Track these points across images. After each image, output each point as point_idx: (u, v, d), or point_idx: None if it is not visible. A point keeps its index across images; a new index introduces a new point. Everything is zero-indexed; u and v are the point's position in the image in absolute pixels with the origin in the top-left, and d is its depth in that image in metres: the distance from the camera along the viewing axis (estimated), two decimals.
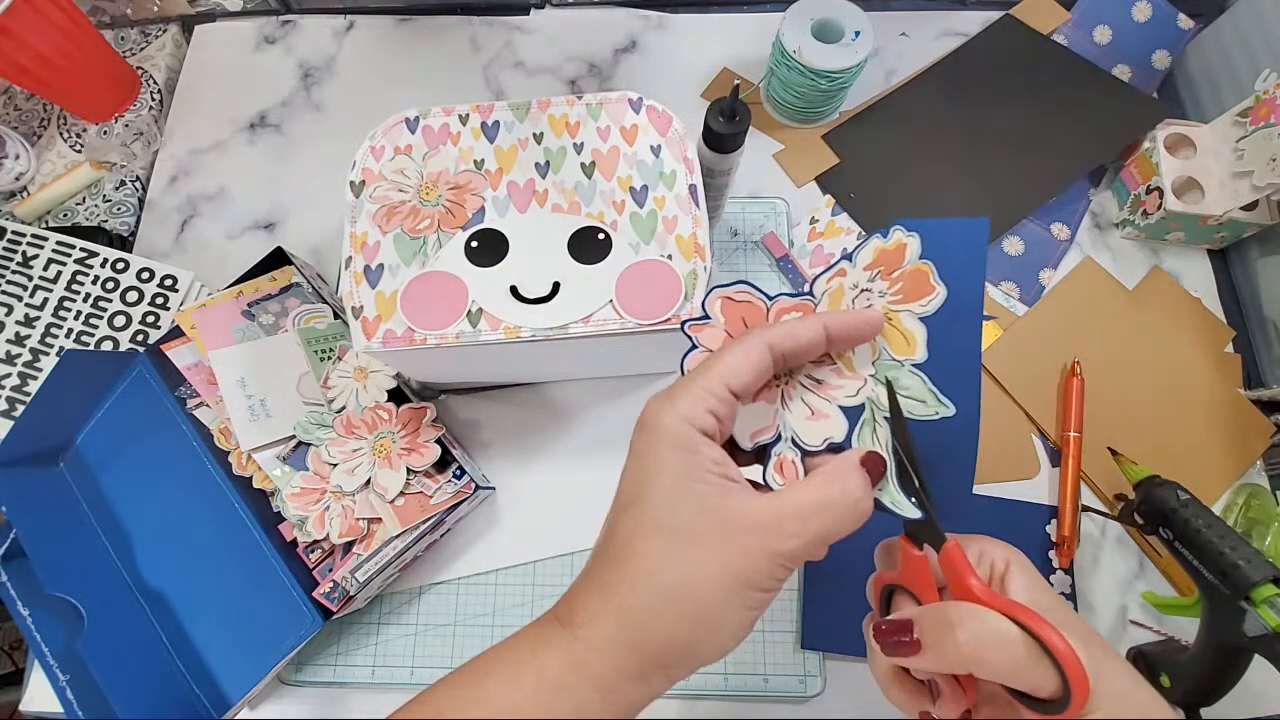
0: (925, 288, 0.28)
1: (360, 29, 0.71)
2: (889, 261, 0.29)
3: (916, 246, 0.28)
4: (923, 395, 0.27)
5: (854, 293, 0.29)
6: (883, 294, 0.29)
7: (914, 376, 0.28)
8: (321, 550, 0.50)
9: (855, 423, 0.28)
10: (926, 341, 0.28)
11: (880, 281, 0.29)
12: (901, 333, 0.28)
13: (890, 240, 0.29)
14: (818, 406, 0.29)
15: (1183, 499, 0.44)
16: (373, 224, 0.44)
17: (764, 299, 0.31)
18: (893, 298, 0.28)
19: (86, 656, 0.46)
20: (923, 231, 0.28)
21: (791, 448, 0.29)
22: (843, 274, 0.30)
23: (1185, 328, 0.58)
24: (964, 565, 0.26)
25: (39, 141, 0.67)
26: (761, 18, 0.70)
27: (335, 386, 0.51)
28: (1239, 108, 0.56)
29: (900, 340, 0.28)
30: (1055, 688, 0.23)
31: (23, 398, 0.55)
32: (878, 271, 0.29)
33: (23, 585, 0.48)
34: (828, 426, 0.29)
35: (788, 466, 0.29)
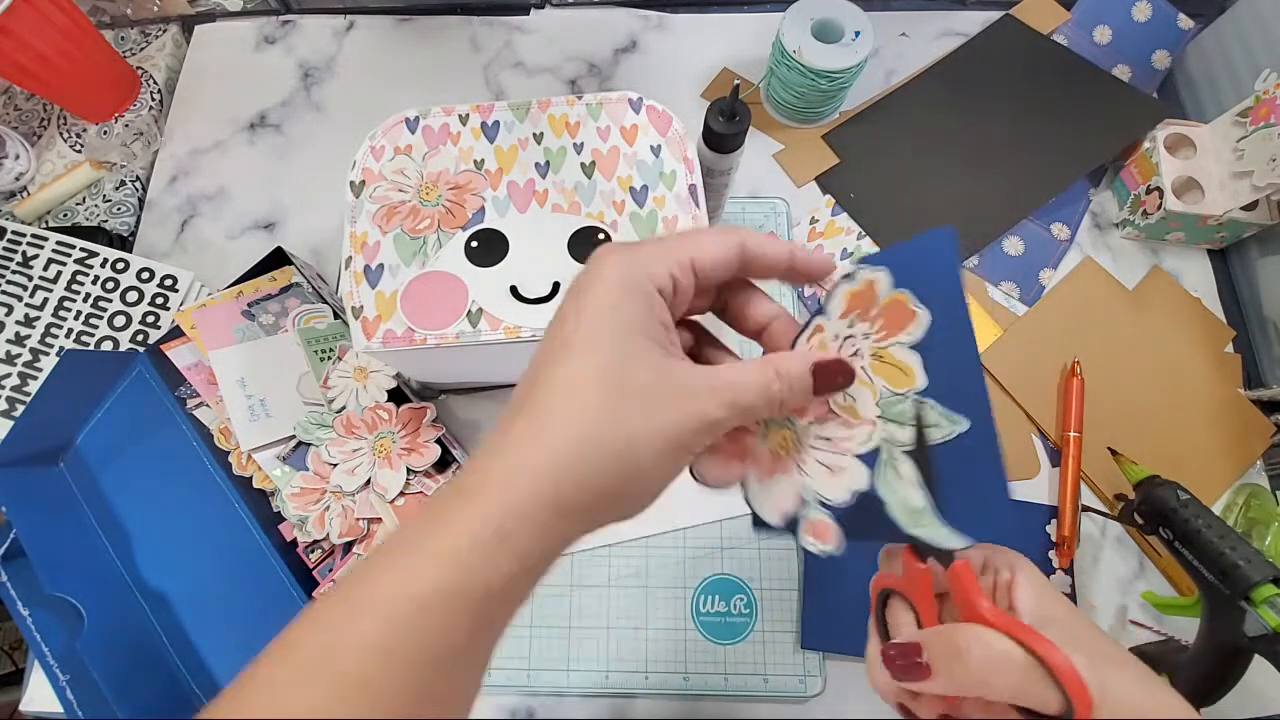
0: (906, 315, 0.27)
1: (360, 29, 0.71)
2: (863, 303, 0.28)
3: (886, 279, 0.27)
4: (935, 420, 0.26)
5: (838, 344, 0.28)
6: (866, 335, 0.27)
7: (920, 405, 0.27)
8: (321, 550, 0.50)
9: (874, 466, 0.27)
10: (924, 367, 0.27)
11: (860, 324, 0.28)
12: (897, 367, 0.27)
13: (858, 282, 0.28)
14: (833, 463, 0.28)
15: (1183, 499, 0.44)
16: (373, 224, 0.44)
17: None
18: (877, 336, 0.27)
19: (86, 656, 0.46)
20: (889, 261, 0.27)
21: (820, 509, 0.28)
22: (820, 330, 0.29)
23: (1185, 328, 0.58)
24: (972, 585, 0.25)
25: (39, 141, 0.67)
26: (761, 18, 0.70)
27: (335, 386, 0.51)
28: (1239, 108, 0.56)
29: (898, 375, 0.27)
30: (1061, 705, 0.24)
31: (23, 398, 0.55)
32: (854, 315, 0.28)
33: (23, 585, 0.48)
34: (849, 478, 0.27)
35: (821, 528, 0.28)
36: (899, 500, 0.26)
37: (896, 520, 0.26)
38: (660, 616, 0.51)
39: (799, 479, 0.28)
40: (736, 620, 0.50)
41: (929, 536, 0.25)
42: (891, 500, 0.26)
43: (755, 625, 0.50)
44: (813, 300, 0.58)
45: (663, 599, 0.51)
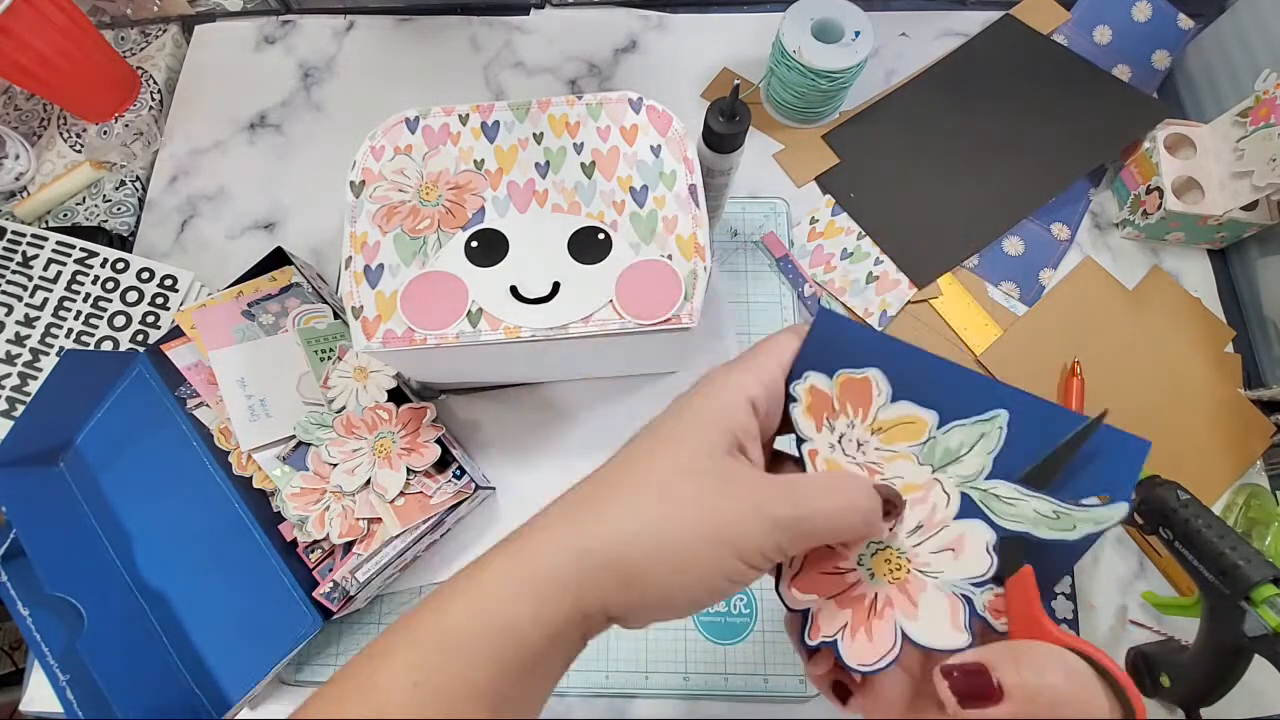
0: (861, 385, 0.27)
1: (360, 29, 0.71)
2: (821, 408, 0.27)
3: (819, 378, 0.27)
4: (975, 435, 0.26)
5: (838, 451, 0.27)
6: (852, 425, 0.27)
7: (952, 432, 0.26)
8: (321, 550, 0.50)
9: (981, 515, 0.25)
10: (919, 405, 0.27)
11: (839, 422, 0.27)
12: (900, 423, 0.27)
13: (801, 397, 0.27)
14: (946, 541, 0.26)
15: (1183, 499, 0.44)
16: (373, 224, 0.44)
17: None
18: (859, 417, 0.27)
19: (86, 656, 0.46)
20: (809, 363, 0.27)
21: (985, 589, 0.25)
22: (815, 454, 0.28)
23: (1185, 328, 0.58)
24: (1034, 597, 0.24)
25: (39, 141, 0.67)
26: (761, 18, 0.70)
27: (335, 386, 0.51)
28: (1239, 108, 0.56)
29: (908, 428, 0.26)
30: (1118, 717, 0.22)
31: (23, 398, 0.55)
32: (825, 420, 0.27)
33: (23, 585, 0.48)
34: (972, 542, 0.25)
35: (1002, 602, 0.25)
36: (1032, 519, 0.25)
37: (1054, 539, 0.24)
38: None
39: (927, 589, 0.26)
40: (736, 620, 0.50)
41: (1091, 527, 0.24)
42: (1029, 526, 0.25)
43: (755, 625, 0.50)
44: (813, 300, 0.58)
45: None
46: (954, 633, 0.25)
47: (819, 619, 0.27)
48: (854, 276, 0.60)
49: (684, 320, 0.42)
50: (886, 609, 0.26)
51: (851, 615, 0.26)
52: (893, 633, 0.25)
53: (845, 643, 0.26)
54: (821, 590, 0.27)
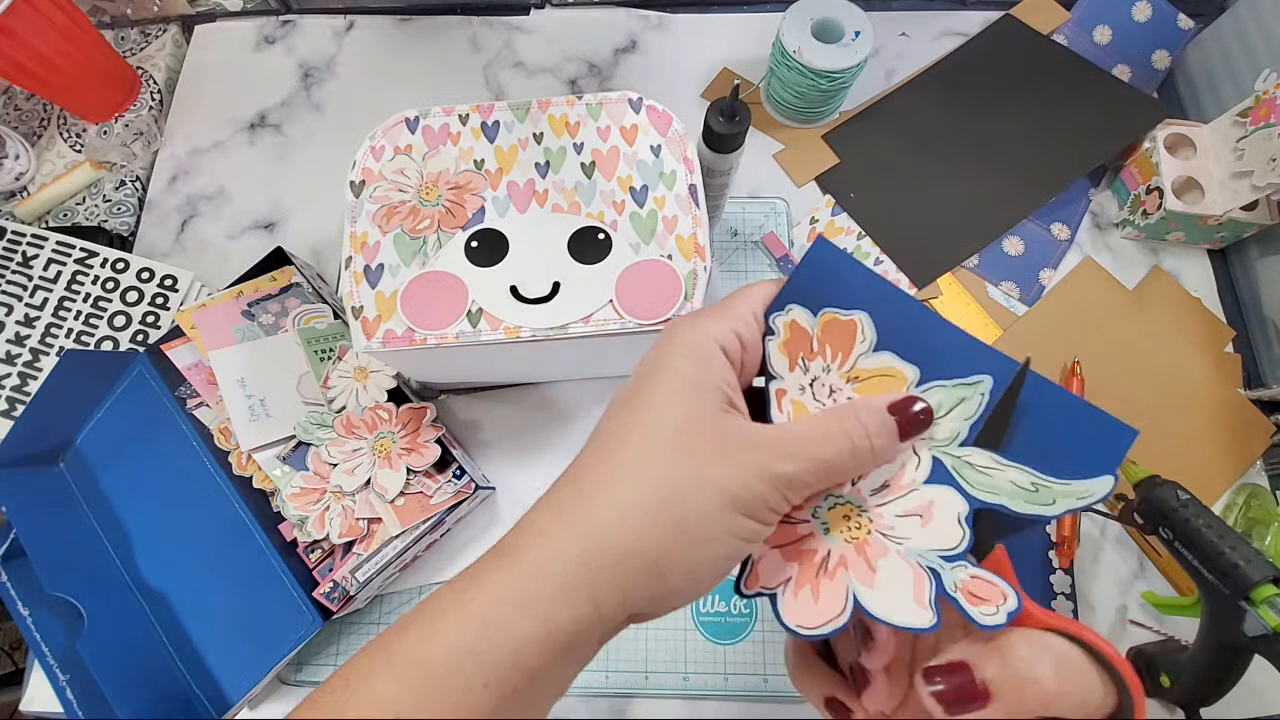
0: (846, 327, 0.25)
1: (360, 29, 0.71)
2: (798, 345, 0.25)
3: (802, 312, 0.26)
4: (957, 397, 0.24)
5: (807, 394, 0.25)
6: (827, 369, 0.25)
7: (931, 391, 0.24)
8: (321, 550, 0.50)
9: (952, 482, 0.24)
10: (902, 359, 0.25)
11: (813, 363, 0.25)
12: (878, 375, 0.25)
13: (780, 330, 0.26)
14: (913, 506, 0.24)
15: (1183, 499, 0.44)
16: (373, 224, 0.44)
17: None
18: (837, 362, 0.25)
19: (86, 656, 0.46)
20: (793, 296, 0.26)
21: (958, 565, 0.23)
22: (783, 393, 0.26)
23: (1185, 328, 0.58)
24: (1012, 578, 0.22)
25: (39, 141, 0.67)
26: (761, 18, 0.70)
27: (335, 386, 0.51)
28: (1239, 108, 0.56)
29: (886, 381, 0.25)
30: (1114, 704, 0.21)
31: (23, 398, 0.55)
32: (801, 359, 0.25)
33: (23, 585, 0.48)
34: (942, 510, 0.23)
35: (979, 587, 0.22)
36: (1007, 490, 0.23)
37: (1031, 514, 0.22)
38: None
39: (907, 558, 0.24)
40: (736, 620, 0.50)
41: (1075, 502, 0.22)
42: (1001, 498, 0.23)
43: (755, 625, 0.50)
44: None
45: None
46: (916, 609, 0.22)
47: (760, 566, 0.24)
48: None
49: None
50: (839, 569, 0.23)
51: (798, 570, 0.24)
52: (843, 596, 0.23)
53: (786, 599, 0.24)
54: (770, 539, 0.24)
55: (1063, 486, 0.22)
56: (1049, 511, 0.22)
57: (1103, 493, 0.22)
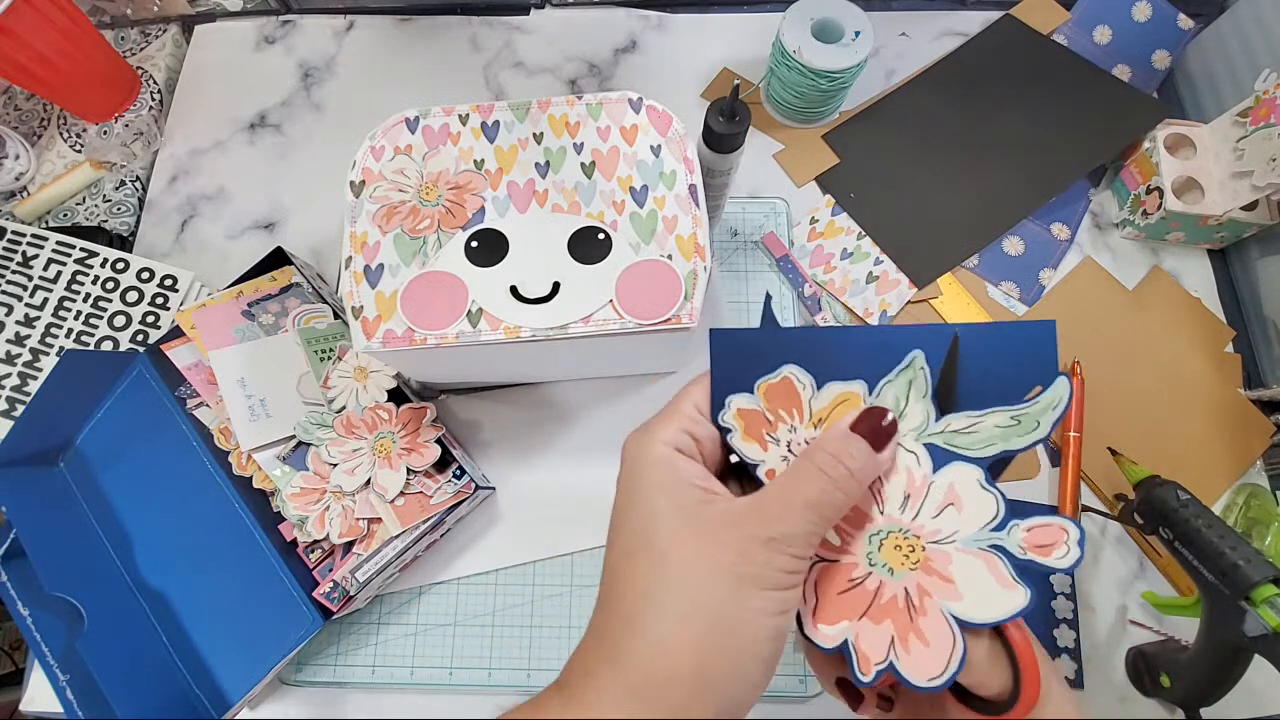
0: (785, 387, 0.26)
1: (360, 29, 0.71)
2: (756, 427, 0.27)
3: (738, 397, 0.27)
4: (905, 381, 0.25)
5: (783, 459, 0.27)
6: (792, 429, 0.26)
7: (885, 389, 0.26)
8: (321, 550, 0.50)
9: (951, 459, 0.25)
10: (845, 381, 0.26)
11: (780, 429, 0.26)
12: (835, 404, 0.26)
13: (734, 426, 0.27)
14: (946, 496, 0.24)
15: (1183, 499, 0.44)
16: (373, 224, 0.44)
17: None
18: (795, 420, 0.26)
19: (86, 656, 0.46)
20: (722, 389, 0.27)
21: (1004, 530, 0.24)
22: (767, 470, 0.27)
23: (1185, 328, 0.58)
24: None
25: (39, 141, 0.67)
26: (761, 18, 0.70)
27: (335, 386, 0.51)
28: (1239, 108, 0.56)
29: (845, 410, 0.26)
30: (1003, 687, 0.23)
31: (23, 398, 0.55)
32: (764, 434, 0.27)
33: (23, 585, 0.48)
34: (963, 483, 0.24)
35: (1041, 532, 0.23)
36: (1000, 436, 0.24)
37: (1028, 444, 0.24)
38: None
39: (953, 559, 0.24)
40: None
41: (1052, 412, 0.23)
42: (999, 445, 0.24)
43: None
44: (813, 301, 0.58)
45: None
46: (1007, 592, 0.22)
47: (860, 646, 0.24)
48: (854, 276, 0.60)
49: (684, 320, 0.41)
50: (925, 600, 0.24)
51: (893, 624, 0.24)
52: (946, 624, 0.23)
53: (903, 660, 0.23)
54: (847, 612, 0.25)
55: (1035, 407, 0.24)
56: (1039, 434, 0.24)
57: (1066, 391, 0.23)
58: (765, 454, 0.26)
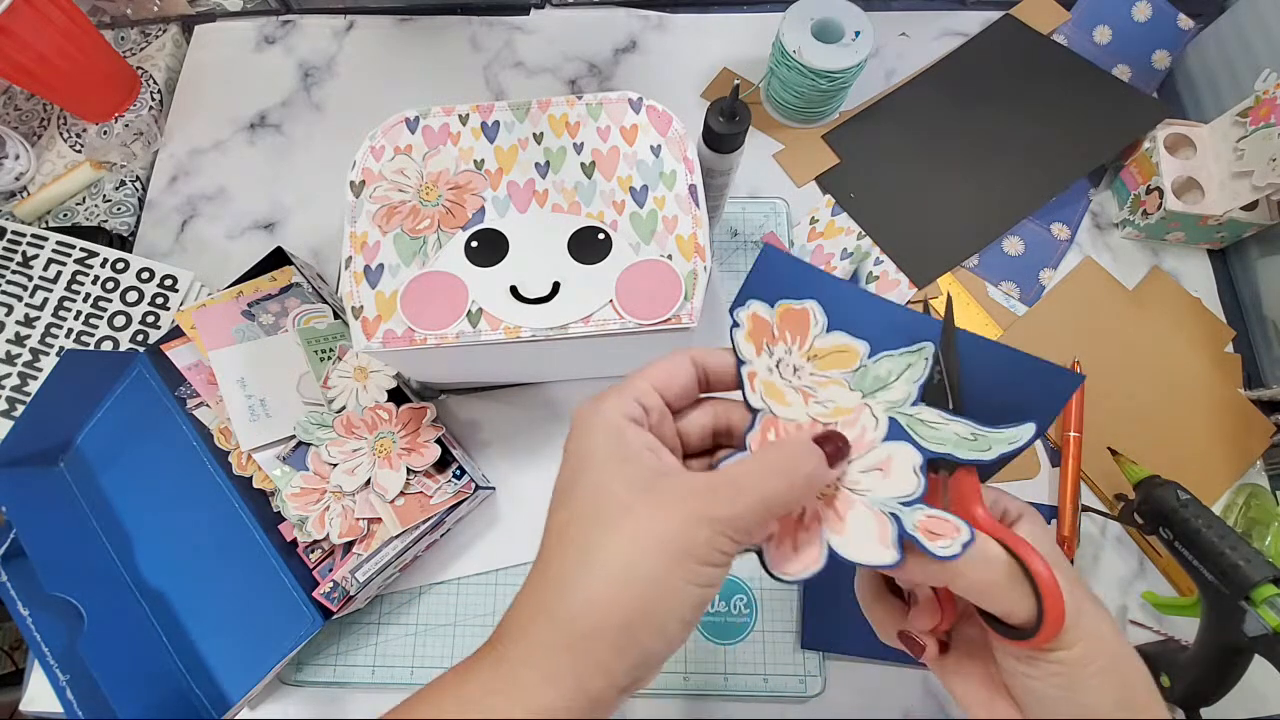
0: (799, 316, 0.29)
1: (360, 29, 0.71)
2: (760, 333, 0.29)
3: (760, 305, 0.29)
4: (903, 364, 0.27)
5: (775, 375, 0.29)
6: (789, 351, 0.29)
7: (881, 361, 0.28)
8: (321, 550, 0.50)
9: (907, 438, 0.27)
10: (852, 335, 0.28)
11: (777, 348, 0.29)
12: (835, 351, 0.28)
13: (742, 323, 0.29)
14: (874, 460, 0.27)
15: (1183, 499, 0.44)
16: (373, 224, 0.44)
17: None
18: (796, 345, 0.29)
19: (86, 656, 0.46)
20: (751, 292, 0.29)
21: (914, 509, 0.25)
22: (754, 375, 0.29)
23: (1185, 328, 0.58)
24: (972, 492, 0.26)
25: (39, 141, 0.67)
26: (761, 18, 0.70)
27: (335, 386, 0.51)
28: (1239, 108, 0.56)
29: (842, 356, 0.28)
30: (1029, 614, 0.24)
31: (23, 398, 0.55)
32: (764, 345, 0.29)
33: (23, 585, 0.48)
34: (900, 462, 0.26)
35: (935, 524, 0.25)
36: (953, 442, 0.26)
37: (972, 459, 0.26)
38: None
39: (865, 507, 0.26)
40: (736, 620, 0.50)
41: (1005, 446, 0.25)
42: (949, 448, 0.26)
43: (755, 625, 0.50)
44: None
45: None
46: (881, 549, 0.25)
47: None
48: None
49: (684, 320, 0.41)
50: (814, 523, 0.27)
51: (779, 526, 0.27)
52: (818, 546, 0.26)
53: (771, 551, 0.27)
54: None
55: (996, 435, 0.26)
56: (985, 456, 0.26)
57: (1026, 439, 0.25)
58: (757, 358, 0.29)
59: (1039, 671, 0.24)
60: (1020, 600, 0.24)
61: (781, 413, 0.28)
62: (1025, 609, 0.24)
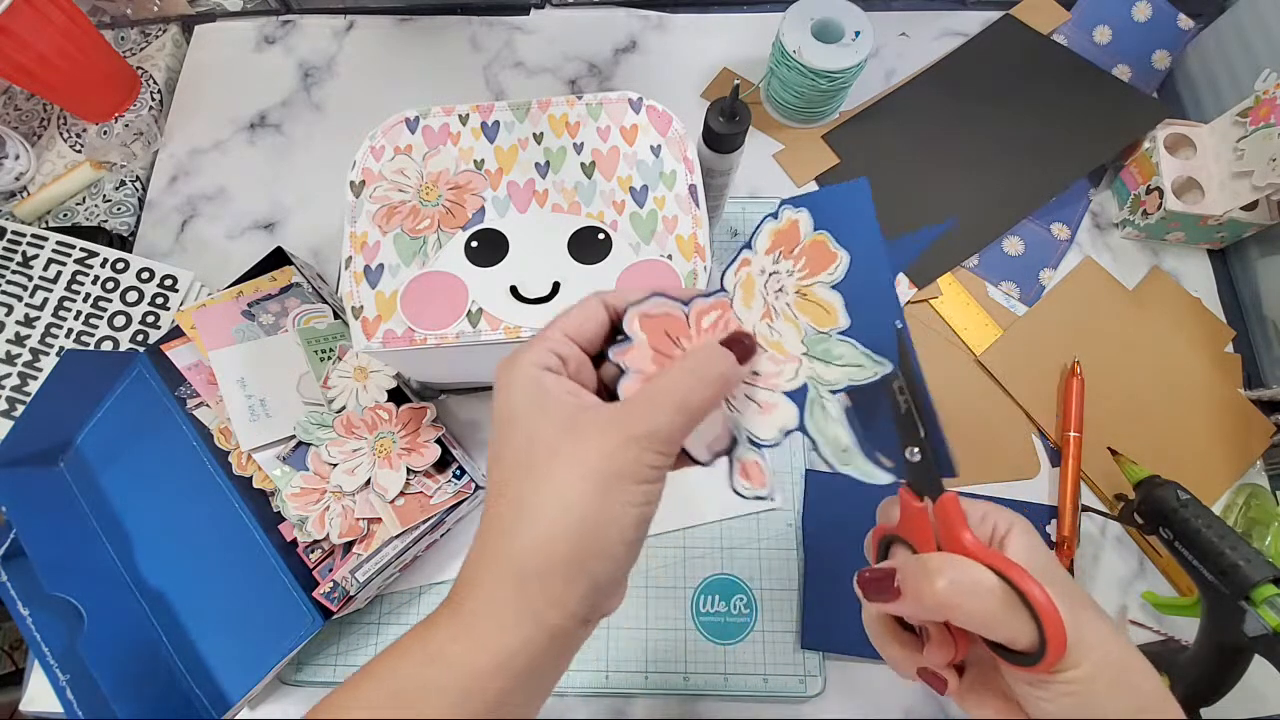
0: (828, 256, 0.28)
1: (360, 29, 0.71)
2: (786, 241, 0.29)
3: (808, 220, 0.29)
4: (858, 360, 0.27)
5: (763, 279, 0.29)
6: (790, 273, 0.29)
7: (844, 344, 0.28)
8: (321, 550, 0.50)
9: (803, 406, 0.28)
10: (845, 307, 0.28)
11: (784, 261, 0.29)
12: (820, 305, 0.28)
13: (781, 220, 0.29)
14: (764, 399, 0.29)
15: (1183, 499, 0.44)
16: (373, 224, 0.44)
17: (680, 307, 0.30)
18: (800, 274, 0.29)
19: (86, 656, 0.46)
20: (810, 205, 0.29)
21: (751, 448, 0.29)
22: (747, 263, 0.30)
23: (1185, 328, 0.58)
24: (958, 517, 0.26)
25: (39, 141, 0.67)
26: (761, 18, 0.70)
27: (335, 386, 0.51)
28: (1239, 108, 0.56)
29: (821, 313, 0.28)
30: (1031, 640, 0.24)
31: (23, 398, 0.55)
32: (779, 253, 0.29)
33: (23, 585, 0.48)
34: (779, 416, 0.28)
35: (752, 468, 0.28)
36: (828, 439, 0.27)
37: (827, 459, 0.27)
38: (660, 616, 0.51)
39: (731, 415, 0.29)
40: (736, 620, 0.50)
41: (857, 474, 0.27)
42: (821, 439, 0.27)
43: (755, 625, 0.50)
44: None
45: (662, 599, 0.51)
46: (705, 452, 0.28)
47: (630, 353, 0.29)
48: None
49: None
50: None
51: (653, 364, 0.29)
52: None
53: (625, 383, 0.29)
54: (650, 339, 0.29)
55: (859, 464, 0.27)
56: (836, 467, 0.27)
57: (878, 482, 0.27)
58: (764, 256, 0.29)
59: (1050, 693, 0.24)
60: (1022, 627, 0.24)
61: (737, 308, 0.29)
62: (1027, 635, 0.24)
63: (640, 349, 0.29)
